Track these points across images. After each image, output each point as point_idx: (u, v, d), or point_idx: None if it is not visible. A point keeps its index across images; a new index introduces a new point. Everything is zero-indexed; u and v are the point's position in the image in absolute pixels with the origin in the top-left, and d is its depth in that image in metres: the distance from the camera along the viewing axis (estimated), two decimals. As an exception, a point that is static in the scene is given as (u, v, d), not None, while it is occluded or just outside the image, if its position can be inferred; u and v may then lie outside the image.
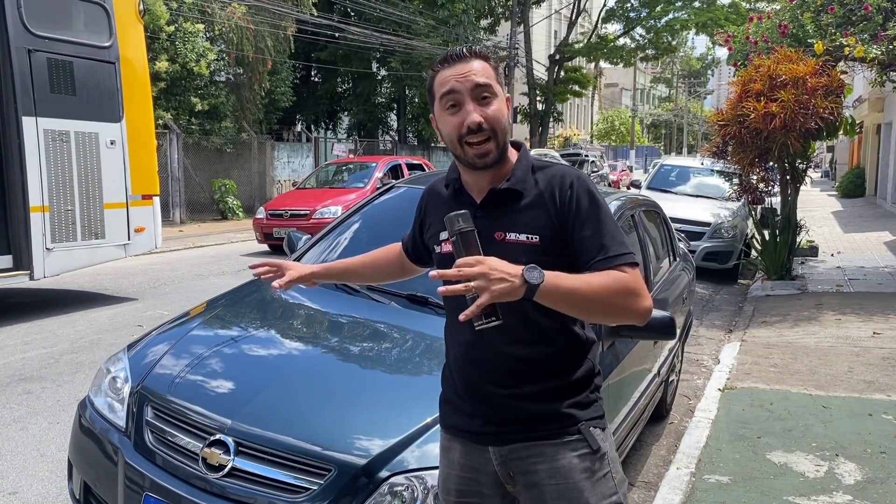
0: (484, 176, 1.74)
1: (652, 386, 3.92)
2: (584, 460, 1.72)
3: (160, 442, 2.43)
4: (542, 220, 1.69)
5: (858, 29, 7.72)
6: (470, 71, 1.67)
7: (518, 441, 1.72)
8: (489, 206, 1.73)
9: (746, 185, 9.01)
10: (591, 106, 62.22)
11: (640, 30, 32.94)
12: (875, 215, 18.09)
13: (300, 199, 12.26)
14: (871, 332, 6.52)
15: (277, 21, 19.15)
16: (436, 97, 1.71)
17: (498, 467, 1.75)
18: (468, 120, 1.65)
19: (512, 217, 1.70)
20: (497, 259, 1.48)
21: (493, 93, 1.68)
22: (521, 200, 1.71)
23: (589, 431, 1.74)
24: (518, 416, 1.72)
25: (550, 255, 1.66)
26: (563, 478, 1.70)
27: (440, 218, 1.74)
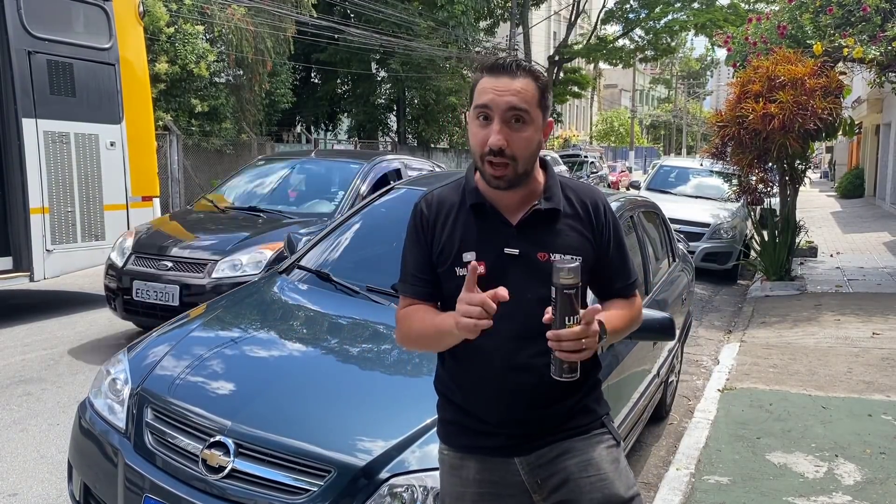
0: (514, 195, 1.69)
1: (651, 387, 3.92)
2: (611, 452, 1.76)
3: (160, 443, 2.43)
4: (581, 240, 1.71)
5: (857, 30, 7.72)
6: (510, 90, 1.59)
7: (546, 445, 1.72)
8: (527, 225, 1.68)
9: (745, 185, 9.01)
10: (590, 107, 62.24)
11: (640, 31, 32.96)
12: (874, 216, 18.10)
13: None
14: (871, 333, 6.52)
15: (277, 22, 19.15)
16: (473, 101, 1.66)
17: (525, 476, 1.71)
18: (490, 141, 1.59)
19: (553, 237, 1.68)
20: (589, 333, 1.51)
21: (529, 119, 1.61)
22: (559, 220, 1.70)
23: (612, 425, 1.80)
24: (547, 425, 1.72)
25: (587, 274, 1.70)
26: (595, 469, 1.71)
27: (461, 236, 1.69)
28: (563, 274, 1.48)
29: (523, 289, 1.64)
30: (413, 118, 27.46)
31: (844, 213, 19.37)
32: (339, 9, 24.00)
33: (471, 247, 1.68)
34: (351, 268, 3.48)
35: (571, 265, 1.49)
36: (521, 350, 1.66)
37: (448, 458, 1.79)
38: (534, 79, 1.63)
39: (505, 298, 1.50)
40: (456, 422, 1.77)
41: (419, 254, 1.76)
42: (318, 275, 3.40)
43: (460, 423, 1.76)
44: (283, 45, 19.54)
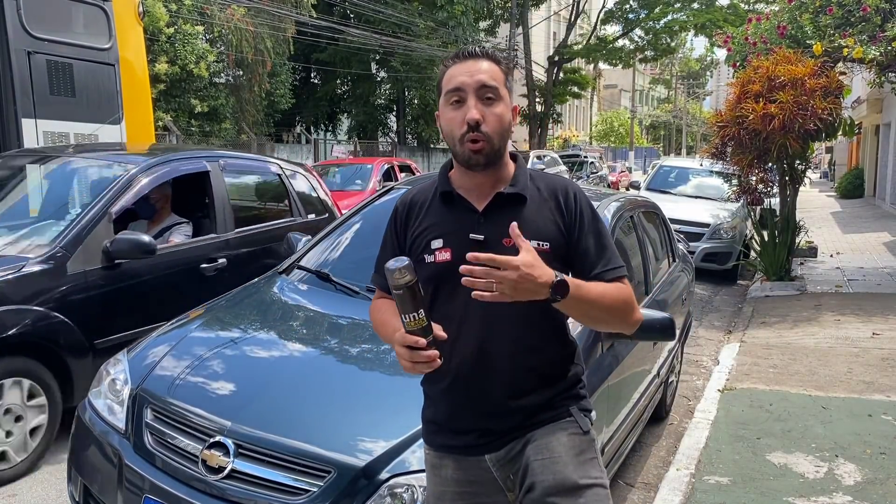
0: (484, 180, 1.73)
1: (651, 387, 3.92)
2: (572, 438, 1.73)
3: (160, 444, 2.43)
4: (550, 226, 1.71)
5: (857, 30, 7.72)
6: (478, 70, 1.68)
7: (513, 440, 1.73)
8: (493, 211, 1.71)
9: (745, 185, 9.01)
10: (590, 107, 62.25)
11: (639, 31, 32.97)
12: (874, 216, 18.10)
13: None
14: (871, 333, 6.52)
15: (277, 23, 19.16)
16: (442, 92, 1.72)
17: (497, 473, 1.73)
18: (468, 116, 1.65)
19: (519, 223, 1.64)
20: (531, 263, 1.49)
21: (499, 95, 1.69)
22: (526, 206, 1.72)
23: (580, 415, 1.77)
24: (515, 420, 1.73)
25: (558, 261, 1.68)
26: (548, 452, 1.70)
27: (431, 225, 1.74)
28: (395, 276, 1.49)
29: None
30: (413, 118, 27.47)
31: (844, 214, 19.37)
32: (338, 9, 24.02)
33: (438, 234, 1.72)
34: (351, 268, 3.48)
35: (400, 265, 1.50)
36: (492, 336, 1.68)
37: (429, 457, 1.82)
38: (496, 62, 1.72)
39: (443, 338, 1.56)
40: (433, 421, 1.80)
41: (390, 249, 1.83)
42: (318, 275, 3.40)
43: (436, 422, 1.79)
44: (283, 45, 19.56)
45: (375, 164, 12.59)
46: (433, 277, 1.71)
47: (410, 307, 1.52)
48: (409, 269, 1.51)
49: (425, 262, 1.71)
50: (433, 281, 1.71)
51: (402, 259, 1.54)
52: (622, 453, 3.51)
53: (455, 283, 1.63)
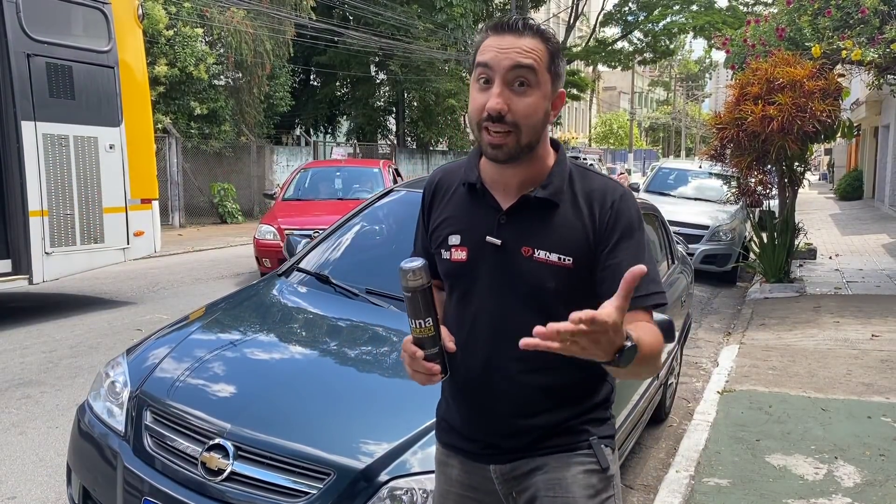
0: (512, 174, 1.51)
1: (651, 389, 3.92)
2: (589, 477, 1.54)
3: (159, 446, 2.43)
4: (577, 239, 1.48)
5: (855, 32, 7.73)
6: (515, 48, 1.40)
7: (522, 458, 1.57)
8: (517, 213, 1.51)
9: (744, 187, 9.02)
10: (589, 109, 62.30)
11: (638, 33, 33.05)
12: (873, 217, 18.11)
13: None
14: (870, 335, 6.52)
15: (276, 25, 19.17)
16: (474, 65, 1.47)
17: (499, 486, 1.60)
18: (489, 104, 1.41)
19: (544, 231, 1.49)
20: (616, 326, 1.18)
21: (535, 81, 1.42)
22: (556, 213, 1.49)
23: (600, 448, 1.57)
24: (527, 437, 1.57)
25: (579, 279, 1.48)
26: (562, 490, 1.52)
27: (452, 217, 1.59)
28: (407, 277, 1.39)
29: (502, 284, 1.50)
30: (412, 120, 27.48)
31: (843, 215, 19.38)
32: (337, 11, 24.03)
33: (457, 229, 1.56)
34: (350, 270, 3.48)
35: (414, 266, 1.39)
36: (497, 352, 1.52)
37: (438, 453, 1.73)
38: (543, 40, 1.43)
39: (451, 349, 1.46)
40: (445, 419, 1.70)
41: (422, 229, 1.71)
42: (318, 277, 3.40)
43: (448, 420, 1.68)
44: (283, 47, 19.56)
45: (383, 168, 11.06)
46: (448, 276, 1.59)
47: (419, 312, 1.42)
48: (424, 272, 1.40)
49: (442, 258, 1.58)
50: (448, 279, 1.59)
51: (417, 259, 1.42)
52: (622, 455, 3.52)
53: (467, 286, 1.55)
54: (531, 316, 1.44)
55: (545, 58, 1.43)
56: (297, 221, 9.19)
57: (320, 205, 9.99)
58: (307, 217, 9.36)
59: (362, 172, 11.34)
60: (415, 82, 24.43)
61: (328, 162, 15.18)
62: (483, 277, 1.52)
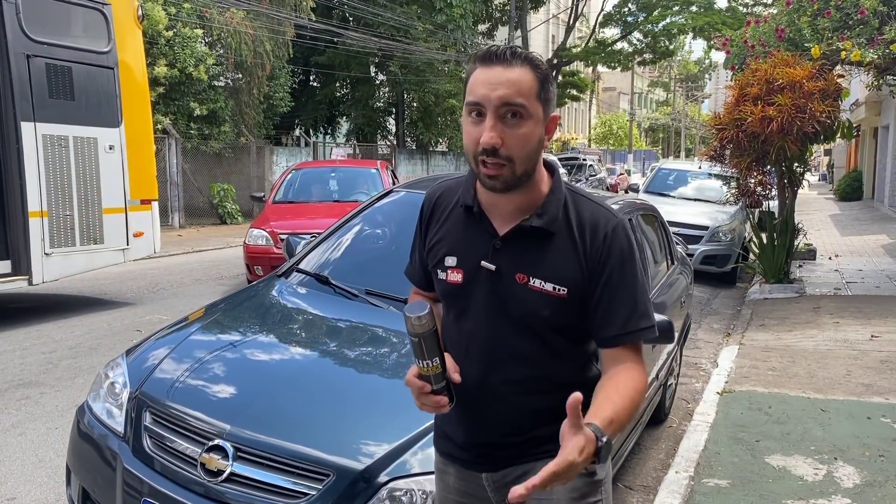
0: (508, 200, 1.52)
1: (650, 390, 3.92)
2: (575, 480, 1.48)
3: (159, 447, 2.43)
4: (571, 268, 1.50)
5: (855, 33, 7.74)
6: (504, 82, 1.42)
7: (513, 464, 1.61)
8: (513, 239, 1.53)
9: (744, 188, 9.03)
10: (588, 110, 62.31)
11: (638, 34, 33.04)
12: (872, 218, 18.11)
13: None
14: (870, 336, 6.52)
15: (276, 26, 19.17)
16: (465, 98, 1.49)
17: (491, 494, 1.65)
18: (482, 140, 1.42)
19: (539, 260, 1.51)
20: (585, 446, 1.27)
21: (526, 114, 1.43)
22: (551, 242, 1.51)
23: None
24: (514, 451, 1.61)
25: (574, 308, 1.51)
26: (546, 493, 1.48)
27: (448, 237, 1.62)
28: (413, 322, 1.41)
29: (496, 309, 1.53)
30: (412, 121, 27.49)
31: (843, 216, 19.38)
32: (337, 12, 24.04)
33: (452, 251, 1.59)
34: (350, 271, 3.48)
35: (420, 312, 1.41)
36: (490, 374, 1.55)
37: (437, 461, 1.77)
38: (532, 67, 1.45)
39: (457, 381, 1.49)
40: (441, 427, 1.74)
41: (419, 244, 1.74)
42: (317, 278, 3.40)
43: (444, 430, 1.72)
44: (282, 48, 19.56)
45: (382, 168, 10.31)
46: (444, 296, 1.63)
47: (426, 354, 1.44)
48: (429, 317, 1.41)
49: (438, 278, 1.62)
50: (445, 299, 1.63)
51: (423, 304, 1.43)
52: (621, 456, 3.52)
53: (463, 307, 1.58)
54: (523, 340, 1.52)
55: (535, 87, 1.44)
56: (292, 225, 8.47)
57: (315, 207, 9.31)
58: (302, 220, 8.70)
59: (359, 173, 10.63)
60: (414, 83, 24.44)
61: (322, 162, 14.59)
62: (478, 301, 1.55)
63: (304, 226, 8.25)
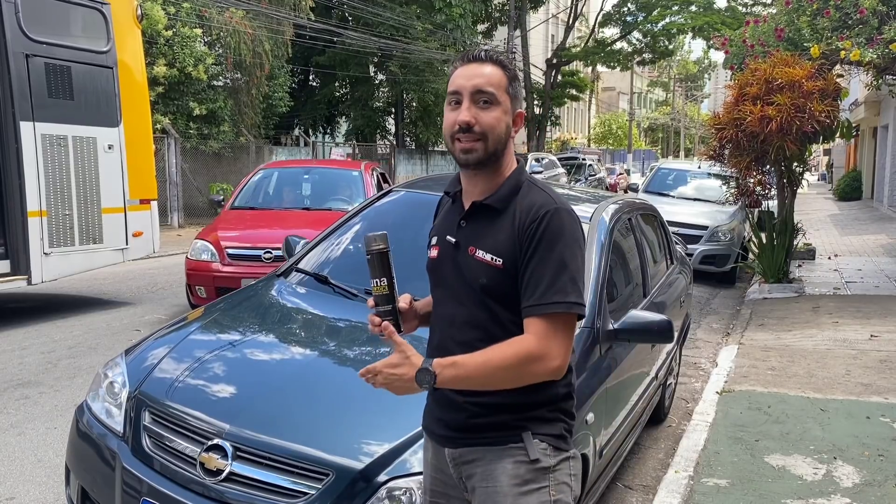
0: (476, 183, 1.75)
1: (650, 389, 3.92)
2: (517, 468, 1.66)
3: (158, 447, 2.43)
4: (507, 243, 1.66)
5: (854, 32, 7.73)
6: (478, 74, 1.68)
7: (467, 445, 1.73)
8: (471, 218, 1.75)
9: (743, 188, 9.02)
10: (588, 110, 62.29)
11: (637, 34, 33.05)
12: (872, 218, 18.12)
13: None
14: (869, 335, 6.52)
15: (275, 26, 19.16)
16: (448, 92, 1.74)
17: (453, 470, 1.77)
18: (459, 118, 1.66)
19: (485, 234, 1.70)
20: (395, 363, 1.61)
21: (496, 101, 1.67)
22: (497, 219, 1.70)
23: (531, 441, 1.67)
24: (469, 422, 1.71)
25: (509, 279, 1.66)
26: (492, 481, 1.67)
27: (437, 223, 1.86)
28: (369, 242, 1.70)
29: (454, 278, 1.74)
30: (411, 121, 27.48)
31: (842, 216, 19.39)
32: (336, 12, 24.03)
33: (435, 232, 1.84)
34: (349, 270, 3.47)
35: (377, 233, 1.70)
36: (448, 336, 1.75)
37: (424, 437, 1.92)
38: (501, 67, 1.70)
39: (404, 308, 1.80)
40: (427, 404, 1.88)
41: None
42: (317, 277, 3.40)
43: (427, 407, 1.87)
44: (282, 48, 19.55)
45: (365, 171, 8.50)
46: (428, 272, 1.84)
47: (376, 272, 1.70)
48: (383, 239, 1.69)
49: (429, 257, 1.84)
50: (429, 275, 1.84)
51: (383, 232, 1.72)
52: (620, 455, 3.52)
53: (436, 280, 1.82)
54: (473, 306, 1.70)
55: (504, 82, 1.70)
56: (244, 237, 7.02)
57: (279, 216, 7.61)
58: (258, 231, 7.17)
59: (339, 176, 8.90)
60: (414, 83, 24.42)
61: (297, 162, 13.01)
62: (444, 272, 1.77)
63: (258, 238, 6.89)
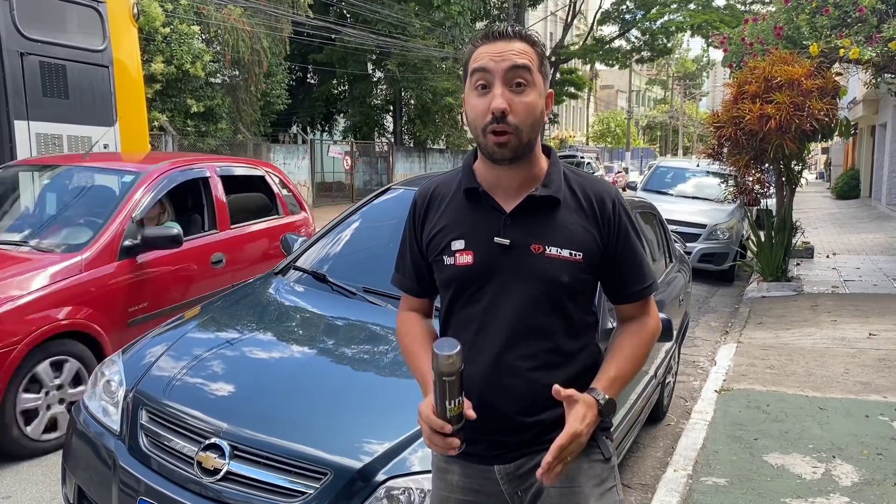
0: (512, 175, 1.58)
1: (649, 388, 3.92)
2: (593, 467, 1.61)
3: (155, 446, 2.41)
4: (584, 235, 1.57)
5: (853, 31, 7.72)
6: (509, 50, 1.49)
7: (527, 454, 1.60)
8: (522, 213, 1.57)
9: (742, 186, 9.01)
10: (586, 108, 62.31)
11: (636, 32, 33.03)
12: (870, 217, 18.14)
13: None
14: (867, 334, 6.52)
15: (274, 23, 19.12)
16: (468, 72, 1.54)
17: (505, 487, 1.62)
18: (493, 104, 1.47)
19: (551, 229, 1.56)
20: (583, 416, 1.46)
21: (531, 81, 1.51)
22: (559, 210, 1.57)
23: (602, 439, 1.63)
24: (530, 432, 1.60)
25: (590, 272, 1.59)
26: (568, 481, 1.56)
27: (452, 223, 1.62)
28: (446, 362, 1.37)
29: (514, 282, 1.56)
30: (409, 119, 27.46)
31: (840, 214, 19.41)
32: (335, 9, 23.98)
33: (460, 234, 1.59)
34: (347, 268, 3.46)
35: (452, 350, 1.37)
36: (508, 350, 1.57)
37: (436, 460, 1.72)
38: (531, 44, 1.53)
39: (472, 417, 1.47)
40: None
41: (411, 245, 1.73)
42: (315, 276, 3.38)
43: None
44: (280, 45, 19.51)
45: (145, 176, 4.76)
46: (452, 281, 1.61)
47: (456, 394, 1.41)
48: (459, 356, 1.38)
49: (444, 264, 1.61)
50: (452, 284, 1.61)
51: (453, 342, 1.40)
52: (619, 454, 3.51)
53: (476, 288, 1.59)
54: (541, 311, 1.56)
55: (536, 59, 1.53)
56: None
57: None
58: None
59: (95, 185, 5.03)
60: (412, 81, 24.39)
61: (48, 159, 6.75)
62: (493, 277, 1.56)
63: None
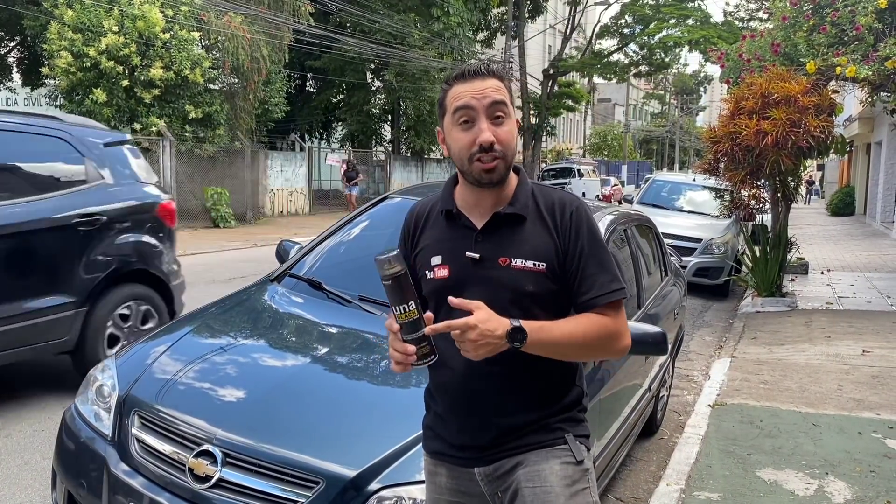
0: (486, 197, 1.71)
1: (642, 401, 3.91)
2: (565, 468, 1.70)
3: (146, 451, 2.40)
4: (546, 247, 1.68)
5: (850, 49, 7.78)
6: (487, 88, 1.65)
7: (504, 457, 1.71)
8: (490, 230, 1.70)
9: (738, 201, 9.05)
10: (584, 121, 62.51)
11: (634, 46, 33.20)
12: (864, 234, 18.21)
13: None
14: (861, 351, 6.53)
15: (274, 30, 19.16)
16: (447, 111, 1.68)
17: (485, 487, 1.73)
18: (481, 138, 1.62)
19: (516, 242, 1.68)
20: (486, 319, 1.52)
21: (508, 112, 1.67)
22: (524, 225, 1.70)
23: (575, 443, 1.73)
24: (507, 438, 1.71)
25: (555, 281, 1.68)
26: (540, 481, 1.67)
27: (433, 241, 1.76)
28: (384, 266, 1.52)
29: (483, 292, 1.65)
30: (407, 128, 27.49)
31: (835, 231, 19.48)
32: (335, 18, 24.05)
33: (438, 251, 1.74)
34: (343, 276, 3.46)
35: (389, 255, 1.53)
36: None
37: (427, 463, 1.84)
38: (500, 79, 1.69)
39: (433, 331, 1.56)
40: (431, 427, 1.82)
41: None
42: (310, 283, 3.38)
43: (433, 429, 1.81)
44: (279, 53, 19.54)
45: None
46: (433, 293, 1.73)
47: (399, 298, 1.54)
48: (398, 260, 1.53)
49: (427, 279, 1.74)
50: (433, 297, 1.73)
51: (392, 249, 1.58)
52: (612, 468, 3.50)
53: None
54: (512, 317, 1.61)
55: (507, 93, 1.69)
56: None
57: None
58: None
59: None
60: (410, 90, 24.44)
61: None
62: (465, 289, 1.67)
63: None
